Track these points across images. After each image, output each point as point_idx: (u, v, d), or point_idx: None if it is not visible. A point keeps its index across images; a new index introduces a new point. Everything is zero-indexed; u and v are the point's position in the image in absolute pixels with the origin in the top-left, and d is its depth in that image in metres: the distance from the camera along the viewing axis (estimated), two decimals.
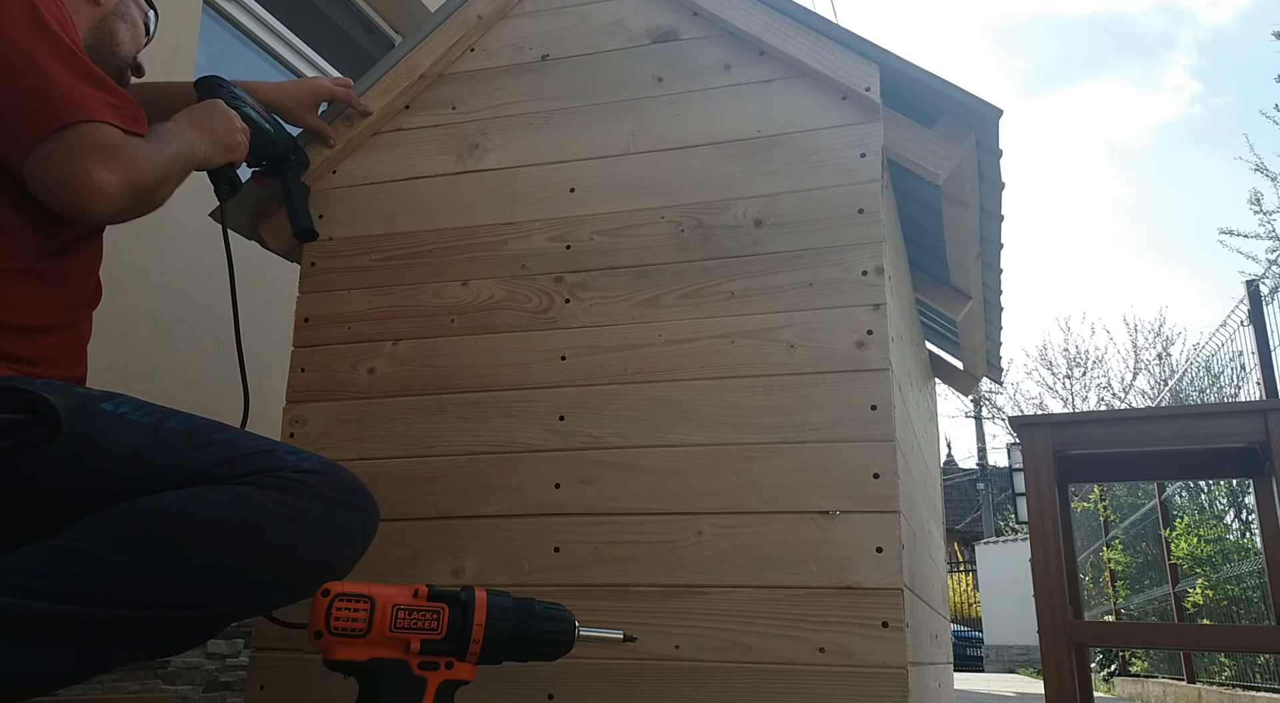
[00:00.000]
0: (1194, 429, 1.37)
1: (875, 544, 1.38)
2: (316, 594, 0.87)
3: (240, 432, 1.13)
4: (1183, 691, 5.82)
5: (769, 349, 1.51)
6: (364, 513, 1.13)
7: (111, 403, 1.06)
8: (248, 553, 0.99)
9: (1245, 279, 4.81)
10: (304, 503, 1.04)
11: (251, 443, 1.10)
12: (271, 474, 1.05)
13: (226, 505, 1.00)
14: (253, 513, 1.00)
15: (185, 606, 0.96)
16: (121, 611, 0.92)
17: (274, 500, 1.02)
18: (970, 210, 1.81)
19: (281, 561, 1.02)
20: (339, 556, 1.09)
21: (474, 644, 0.91)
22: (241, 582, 1.00)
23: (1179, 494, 6.32)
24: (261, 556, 1.00)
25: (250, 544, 0.99)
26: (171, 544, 0.95)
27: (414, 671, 0.89)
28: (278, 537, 1.01)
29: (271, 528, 1.01)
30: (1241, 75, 42.82)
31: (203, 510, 0.99)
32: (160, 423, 1.06)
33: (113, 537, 0.95)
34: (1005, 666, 13.53)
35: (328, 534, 1.07)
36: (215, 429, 1.10)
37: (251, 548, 1.00)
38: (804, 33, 1.63)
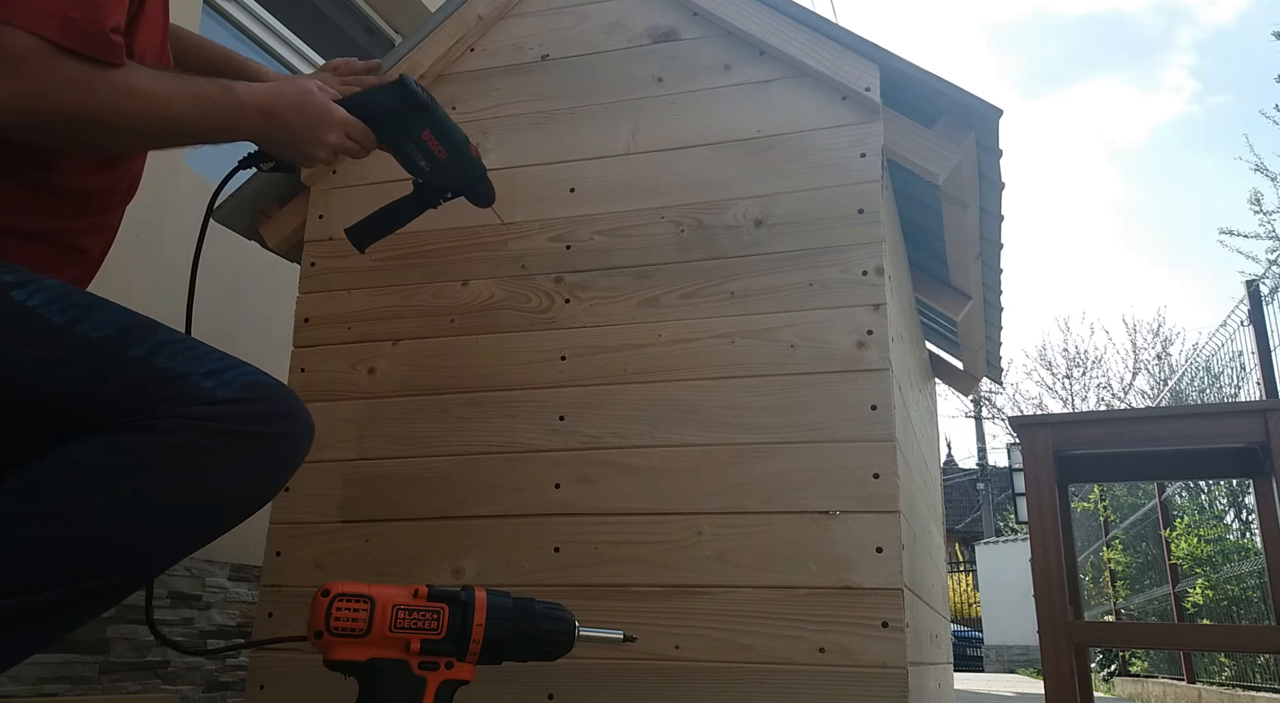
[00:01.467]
0: (1194, 429, 1.37)
1: (875, 544, 1.38)
2: (317, 594, 0.87)
3: (162, 343, 0.99)
4: (1183, 691, 5.82)
5: (769, 349, 1.51)
6: (281, 442, 0.99)
7: (24, 291, 0.95)
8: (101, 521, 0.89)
9: (1245, 279, 4.81)
10: (200, 444, 0.93)
11: (168, 363, 0.97)
12: (173, 411, 0.93)
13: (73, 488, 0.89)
14: (112, 483, 0.89)
15: (40, 587, 0.86)
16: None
17: (162, 448, 0.92)
18: (970, 210, 1.81)
19: (140, 524, 0.90)
20: (236, 499, 0.97)
21: (474, 644, 0.91)
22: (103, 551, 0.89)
23: (1179, 494, 6.32)
24: (119, 522, 0.89)
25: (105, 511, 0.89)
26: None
27: (414, 671, 0.89)
28: (139, 501, 0.90)
29: (133, 493, 0.90)
30: (1241, 75, 42.82)
31: (36, 499, 0.88)
32: (74, 325, 0.95)
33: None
34: (1005, 666, 13.53)
35: (224, 480, 0.95)
36: (133, 340, 0.97)
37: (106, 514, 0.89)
38: (804, 33, 1.63)
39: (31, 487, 0.90)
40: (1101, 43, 53.66)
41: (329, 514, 1.63)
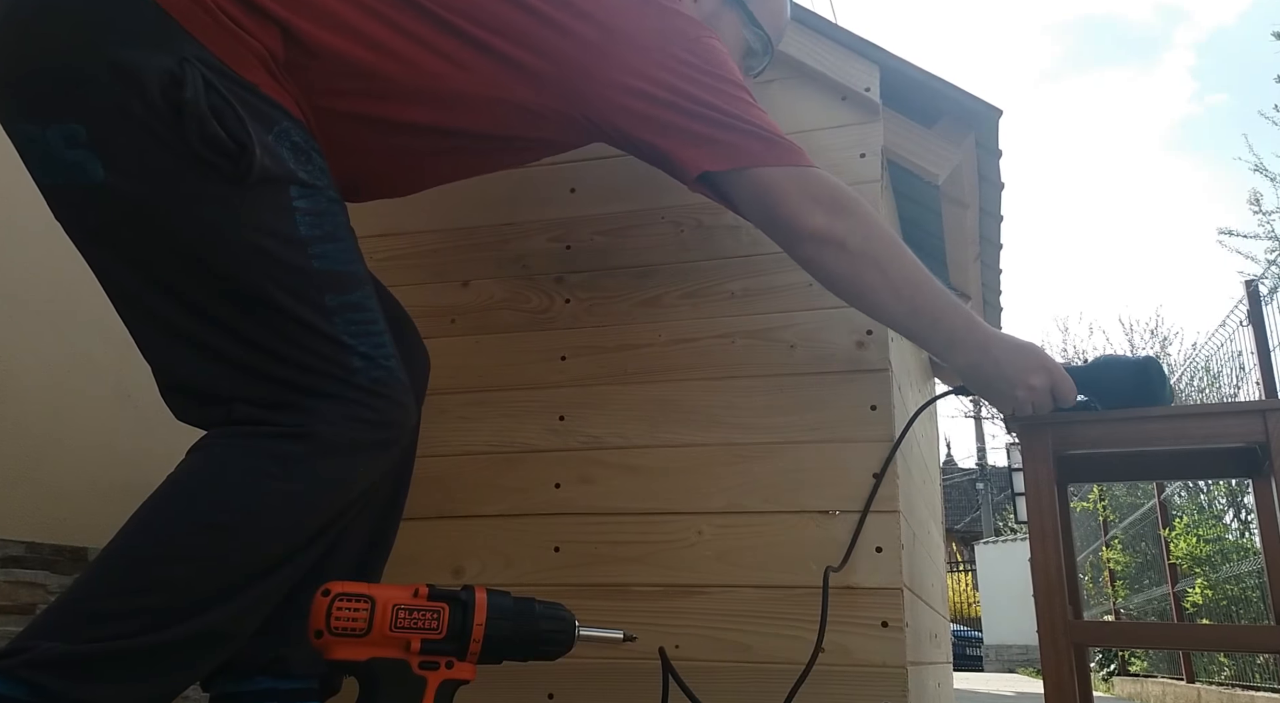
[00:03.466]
0: (1193, 429, 1.37)
1: (875, 544, 1.38)
2: (317, 594, 0.87)
3: (349, 305, 1.01)
4: (1182, 690, 5.82)
5: (769, 349, 1.51)
6: (390, 445, 1.03)
7: (300, 189, 0.99)
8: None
9: (1245, 279, 4.82)
10: (341, 455, 0.97)
11: (343, 327, 0.99)
12: (321, 380, 0.96)
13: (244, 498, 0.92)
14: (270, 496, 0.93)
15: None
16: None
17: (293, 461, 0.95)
18: (970, 211, 1.81)
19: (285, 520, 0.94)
20: (339, 499, 1.00)
21: (474, 644, 0.91)
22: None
23: (1178, 494, 6.33)
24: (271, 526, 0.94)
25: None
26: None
27: (414, 670, 0.89)
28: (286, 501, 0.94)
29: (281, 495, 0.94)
30: (1241, 76, 42.83)
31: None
32: (309, 244, 0.98)
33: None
34: (1005, 665, 13.54)
35: (348, 476, 0.99)
36: (333, 287, 1.00)
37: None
38: (804, 33, 1.64)
39: (171, 512, 0.92)
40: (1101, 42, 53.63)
41: None
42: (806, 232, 1.16)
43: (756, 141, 1.16)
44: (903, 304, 1.19)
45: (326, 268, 0.99)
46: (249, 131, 0.94)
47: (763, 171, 1.16)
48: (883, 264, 1.18)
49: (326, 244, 1.00)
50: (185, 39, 0.93)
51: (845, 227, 1.16)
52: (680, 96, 1.15)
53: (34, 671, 0.83)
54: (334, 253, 1.01)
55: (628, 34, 1.17)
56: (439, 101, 1.11)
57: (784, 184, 1.16)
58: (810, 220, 1.16)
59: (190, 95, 0.91)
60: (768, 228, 1.21)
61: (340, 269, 1.01)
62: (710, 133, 1.15)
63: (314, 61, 1.02)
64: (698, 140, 1.16)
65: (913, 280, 1.19)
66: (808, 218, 1.16)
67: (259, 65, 0.97)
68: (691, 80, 1.16)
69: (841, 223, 1.16)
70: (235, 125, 0.93)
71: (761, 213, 1.19)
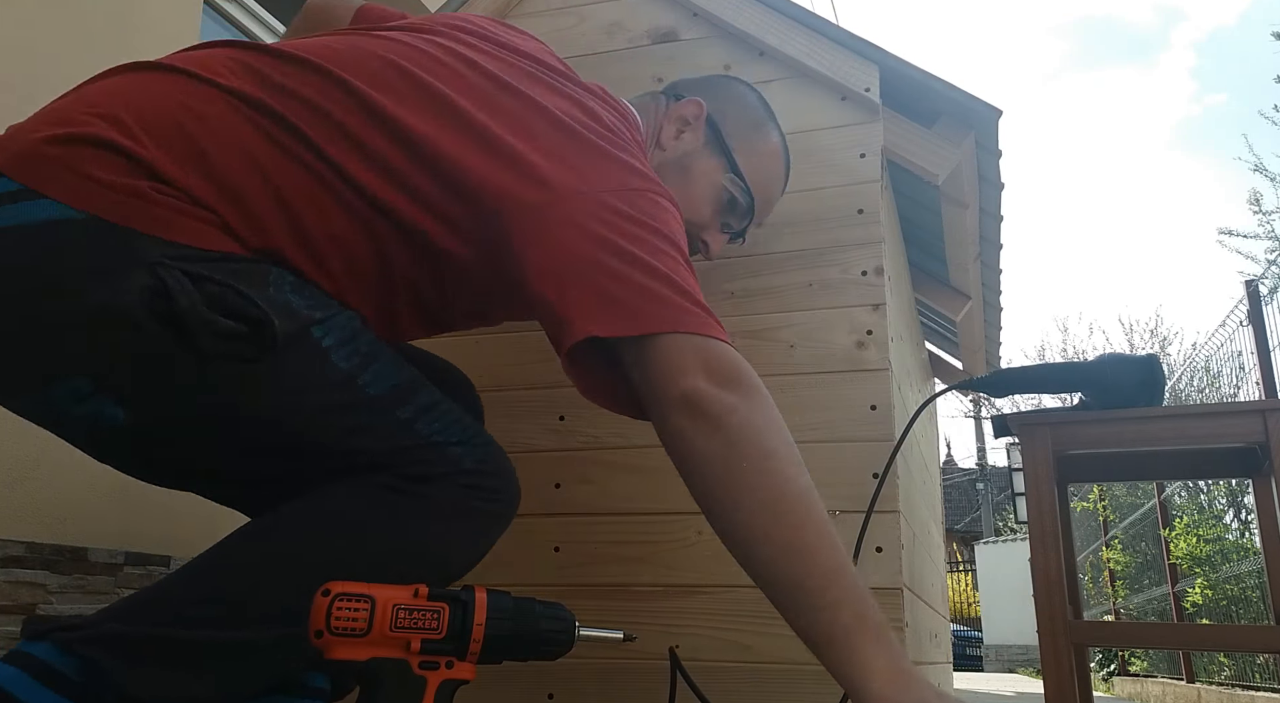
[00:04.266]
0: (1193, 429, 1.37)
1: (875, 544, 1.38)
2: (317, 594, 0.87)
3: (424, 407, 0.99)
4: (1182, 690, 5.82)
5: (769, 349, 1.51)
6: (503, 514, 1.03)
7: (323, 328, 0.93)
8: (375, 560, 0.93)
9: (1245, 279, 4.82)
10: (445, 509, 0.97)
11: (428, 429, 0.98)
12: (430, 474, 0.96)
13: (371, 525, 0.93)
14: (396, 532, 0.93)
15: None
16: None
17: (415, 508, 0.95)
18: (969, 211, 1.81)
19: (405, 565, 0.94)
20: (455, 560, 1.01)
21: (474, 644, 0.90)
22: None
23: (1178, 494, 6.33)
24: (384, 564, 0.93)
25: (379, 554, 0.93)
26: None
27: (414, 670, 0.89)
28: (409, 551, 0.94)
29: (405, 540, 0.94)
30: (1241, 76, 42.82)
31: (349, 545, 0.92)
32: (357, 375, 0.95)
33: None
34: (1005, 665, 13.53)
35: (455, 542, 0.99)
36: (401, 400, 0.97)
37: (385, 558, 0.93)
38: (803, 33, 1.64)
39: (290, 526, 0.92)
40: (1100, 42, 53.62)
41: None
42: (679, 393, 0.90)
43: (664, 305, 0.92)
44: (779, 531, 0.86)
45: (383, 390, 0.96)
46: (256, 303, 0.87)
47: (658, 338, 0.92)
48: (766, 466, 0.89)
49: (371, 366, 0.96)
50: (143, 241, 0.85)
51: (729, 401, 0.89)
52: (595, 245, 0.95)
53: (90, 647, 0.82)
54: (381, 371, 0.97)
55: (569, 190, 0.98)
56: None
57: (674, 345, 0.91)
58: (687, 381, 0.90)
59: (184, 303, 0.84)
60: (643, 393, 0.95)
61: (395, 382, 0.98)
62: (613, 290, 0.92)
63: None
64: (598, 298, 0.92)
65: (804, 512, 0.88)
66: (686, 378, 0.90)
67: (218, 231, 0.90)
68: (613, 227, 0.95)
69: (728, 396, 0.90)
70: (241, 304, 0.87)
71: (639, 376, 0.94)
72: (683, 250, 0.99)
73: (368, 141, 0.95)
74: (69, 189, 0.85)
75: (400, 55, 1.01)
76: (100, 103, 0.91)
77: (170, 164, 0.89)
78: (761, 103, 1.35)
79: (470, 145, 0.97)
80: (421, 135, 0.96)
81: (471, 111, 0.99)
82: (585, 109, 1.05)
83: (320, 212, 0.94)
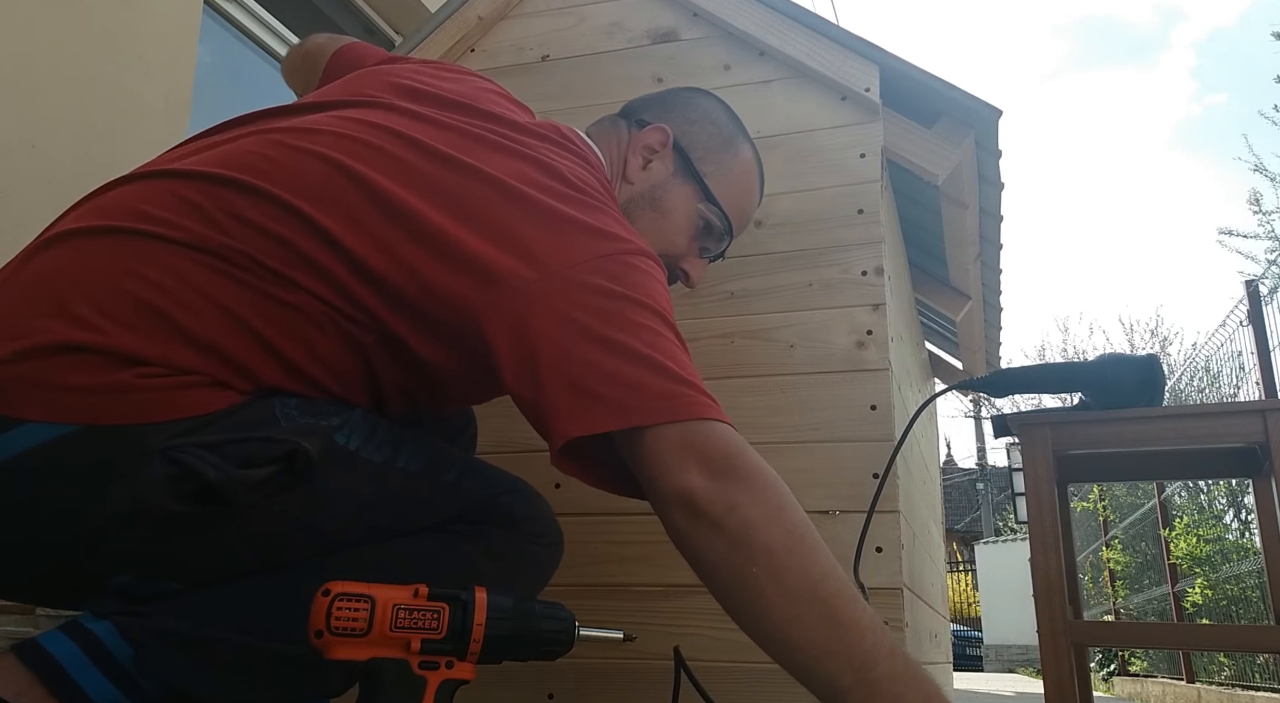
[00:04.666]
0: (1194, 429, 1.37)
1: (875, 544, 1.38)
2: (317, 594, 0.87)
3: (465, 469, 1.01)
4: (1182, 690, 5.82)
5: (769, 349, 1.51)
6: (556, 551, 1.08)
7: (343, 434, 0.92)
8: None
9: (1245, 279, 4.82)
10: (512, 558, 1.01)
11: (476, 485, 1.01)
12: (495, 527, 1.00)
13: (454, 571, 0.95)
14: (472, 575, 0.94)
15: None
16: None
17: (487, 555, 0.99)
18: (970, 211, 1.81)
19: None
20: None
21: (474, 644, 0.90)
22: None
23: (1178, 494, 6.33)
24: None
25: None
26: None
27: (414, 670, 0.89)
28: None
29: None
30: (1240, 76, 42.86)
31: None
32: (392, 460, 0.94)
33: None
34: (1005, 665, 13.53)
35: (519, 585, 1.01)
36: (443, 467, 0.99)
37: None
38: (804, 33, 1.64)
39: (374, 554, 0.94)
40: (1100, 42, 53.66)
41: None
42: (672, 494, 0.85)
43: (645, 394, 0.86)
44: (804, 634, 0.82)
45: (419, 465, 0.97)
46: (279, 440, 0.84)
47: (645, 431, 0.86)
48: (777, 566, 0.82)
49: (400, 449, 0.96)
50: (144, 431, 0.82)
51: (729, 499, 0.83)
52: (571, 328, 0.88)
53: (152, 637, 0.82)
54: (412, 450, 0.97)
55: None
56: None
57: (662, 438, 0.85)
58: (680, 479, 0.84)
59: (214, 476, 0.81)
60: (642, 487, 0.91)
61: (429, 455, 0.99)
62: (589, 384, 0.86)
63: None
64: (574, 394, 0.86)
65: (828, 609, 0.82)
66: (678, 476, 0.84)
67: (211, 390, 0.87)
68: (585, 307, 0.89)
69: (725, 492, 0.84)
70: (268, 447, 0.84)
71: (634, 470, 0.90)
72: (665, 316, 0.92)
73: (328, 266, 0.91)
74: (50, 407, 0.80)
75: (340, 151, 0.94)
76: (46, 297, 0.84)
77: (143, 343, 0.84)
78: (728, 115, 1.28)
79: (426, 256, 0.91)
80: (375, 265, 0.91)
81: (422, 213, 0.92)
82: (543, 167, 0.98)
83: (303, 340, 0.92)
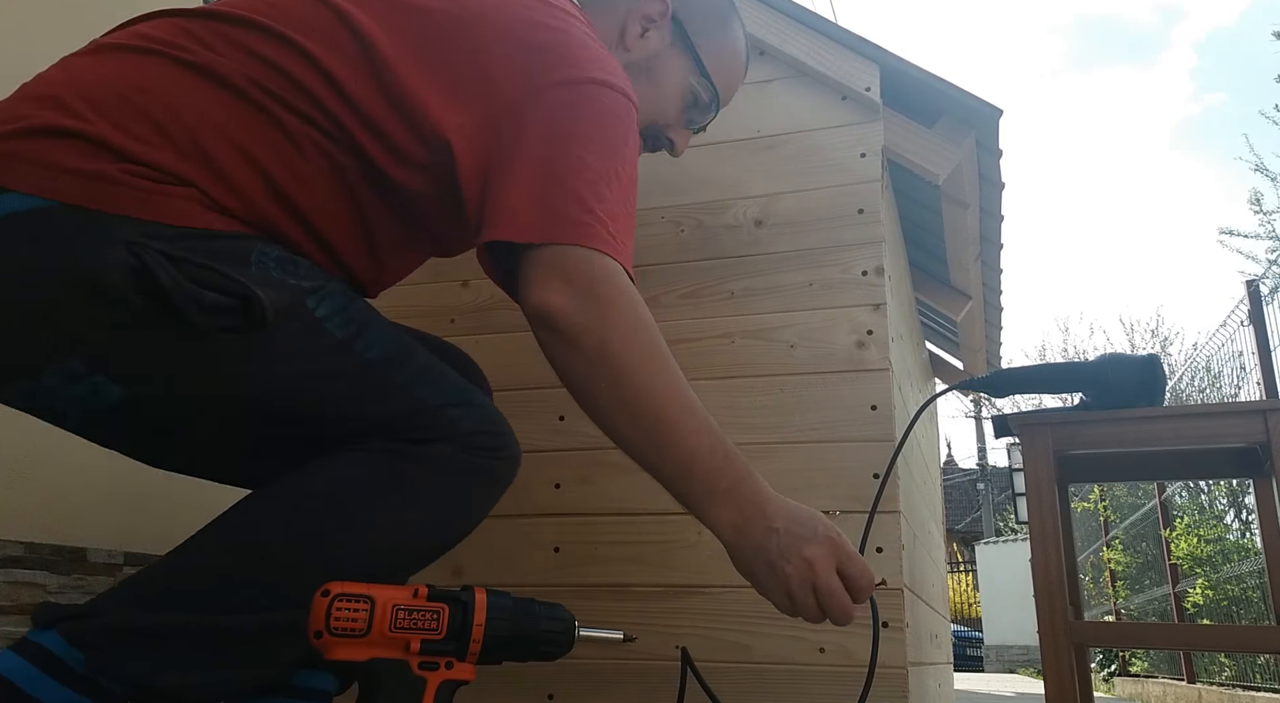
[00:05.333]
0: (1194, 429, 1.37)
1: (875, 544, 1.37)
2: (316, 594, 0.87)
3: (420, 371, 0.99)
4: (1183, 691, 5.82)
5: (769, 349, 1.51)
6: (504, 472, 1.02)
7: (315, 298, 0.93)
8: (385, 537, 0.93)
9: (1245, 279, 4.82)
10: (446, 472, 0.96)
11: (424, 392, 0.97)
12: (428, 439, 0.95)
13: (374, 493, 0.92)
14: (398, 505, 0.93)
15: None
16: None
17: (416, 474, 0.95)
18: (970, 210, 1.81)
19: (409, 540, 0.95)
20: (458, 525, 1.00)
21: (474, 644, 0.90)
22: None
23: (1179, 494, 6.32)
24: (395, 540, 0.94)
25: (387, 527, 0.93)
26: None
27: (414, 671, 0.89)
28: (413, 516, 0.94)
29: (411, 509, 0.94)
30: (1240, 76, 42.87)
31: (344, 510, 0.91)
32: (351, 342, 0.94)
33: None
34: (1005, 666, 13.53)
35: (458, 505, 0.99)
36: (397, 365, 0.97)
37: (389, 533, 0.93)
38: (804, 33, 1.63)
39: (289, 500, 0.92)
40: (1100, 42, 53.66)
41: None
42: (533, 308, 0.90)
43: (549, 216, 0.91)
44: (637, 435, 0.96)
45: (377, 355, 0.96)
46: (239, 279, 0.86)
47: (532, 249, 0.92)
48: (622, 380, 0.92)
49: (365, 332, 0.96)
50: (117, 222, 0.84)
51: (584, 320, 0.89)
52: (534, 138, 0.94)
53: (98, 637, 0.81)
54: (376, 338, 0.97)
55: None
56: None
57: (542, 257, 0.91)
58: (541, 295, 0.90)
59: (166, 280, 0.83)
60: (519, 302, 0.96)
61: (390, 350, 0.98)
62: (515, 203, 0.92)
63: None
64: (501, 206, 0.93)
65: (657, 417, 0.94)
66: (541, 292, 0.90)
67: (198, 206, 0.88)
68: (539, 129, 0.95)
69: (583, 314, 0.89)
70: (224, 282, 0.86)
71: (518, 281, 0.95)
72: (613, 150, 0.98)
73: (308, 83, 0.94)
74: (32, 180, 0.84)
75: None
76: (42, 92, 0.90)
77: (132, 143, 0.87)
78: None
79: (400, 83, 0.96)
80: (351, 86, 0.95)
81: (398, 62, 0.96)
82: (528, 6, 1.02)
83: (285, 161, 0.93)
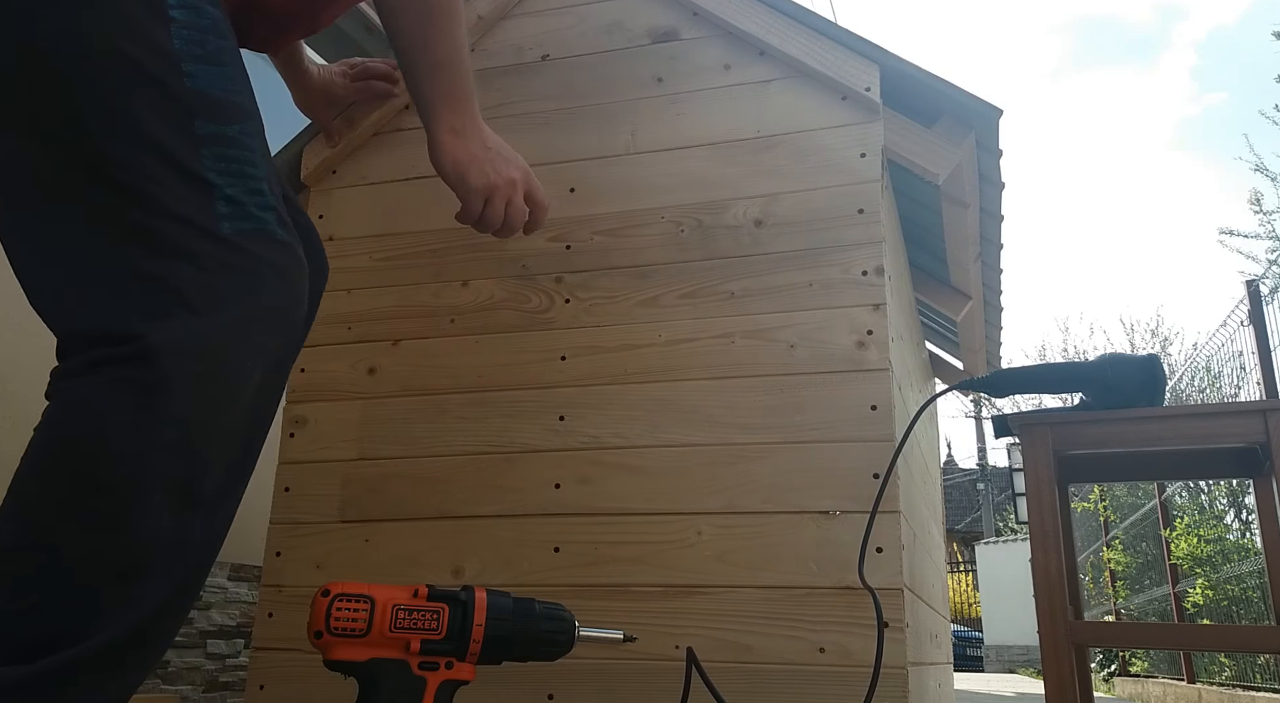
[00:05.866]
0: (1194, 429, 1.37)
1: (876, 544, 1.37)
2: (317, 595, 0.87)
3: (226, 138, 0.86)
4: (1183, 691, 5.82)
5: (769, 349, 1.51)
6: (268, 279, 0.87)
7: (179, 10, 0.85)
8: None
9: (1245, 279, 4.82)
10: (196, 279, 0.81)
11: (209, 163, 0.84)
12: (173, 224, 0.81)
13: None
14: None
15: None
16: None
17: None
18: (970, 210, 1.80)
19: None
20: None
21: (474, 644, 0.91)
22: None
23: (1179, 494, 6.32)
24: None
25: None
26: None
27: (414, 671, 0.89)
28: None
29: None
30: (1240, 76, 42.85)
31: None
32: (181, 60, 0.85)
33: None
34: (1005, 666, 13.53)
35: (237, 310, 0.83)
36: (207, 114, 0.85)
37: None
38: (804, 33, 1.63)
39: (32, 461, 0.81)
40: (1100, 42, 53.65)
41: (329, 514, 1.63)
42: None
43: None
44: (424, 7, 1.11)
45: (199, 88, 0.85)
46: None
47: None
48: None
49: (205, 65, 0.86)
50: None
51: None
52: None
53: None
54: (212, 75, 0.86)
55: None
56: None
57: None
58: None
59: None
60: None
61: (217, 95, 0.86)
62: None
63: None
64: None
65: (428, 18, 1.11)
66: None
67: None
68: None
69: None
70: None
71: None
72: None
73: None
74: None
75: None
76: None
77: None
78: None
79: None
80: None
81: None
82: None
83: None
